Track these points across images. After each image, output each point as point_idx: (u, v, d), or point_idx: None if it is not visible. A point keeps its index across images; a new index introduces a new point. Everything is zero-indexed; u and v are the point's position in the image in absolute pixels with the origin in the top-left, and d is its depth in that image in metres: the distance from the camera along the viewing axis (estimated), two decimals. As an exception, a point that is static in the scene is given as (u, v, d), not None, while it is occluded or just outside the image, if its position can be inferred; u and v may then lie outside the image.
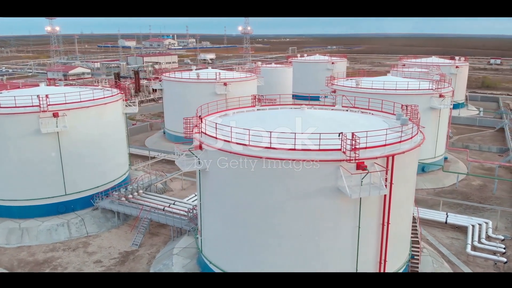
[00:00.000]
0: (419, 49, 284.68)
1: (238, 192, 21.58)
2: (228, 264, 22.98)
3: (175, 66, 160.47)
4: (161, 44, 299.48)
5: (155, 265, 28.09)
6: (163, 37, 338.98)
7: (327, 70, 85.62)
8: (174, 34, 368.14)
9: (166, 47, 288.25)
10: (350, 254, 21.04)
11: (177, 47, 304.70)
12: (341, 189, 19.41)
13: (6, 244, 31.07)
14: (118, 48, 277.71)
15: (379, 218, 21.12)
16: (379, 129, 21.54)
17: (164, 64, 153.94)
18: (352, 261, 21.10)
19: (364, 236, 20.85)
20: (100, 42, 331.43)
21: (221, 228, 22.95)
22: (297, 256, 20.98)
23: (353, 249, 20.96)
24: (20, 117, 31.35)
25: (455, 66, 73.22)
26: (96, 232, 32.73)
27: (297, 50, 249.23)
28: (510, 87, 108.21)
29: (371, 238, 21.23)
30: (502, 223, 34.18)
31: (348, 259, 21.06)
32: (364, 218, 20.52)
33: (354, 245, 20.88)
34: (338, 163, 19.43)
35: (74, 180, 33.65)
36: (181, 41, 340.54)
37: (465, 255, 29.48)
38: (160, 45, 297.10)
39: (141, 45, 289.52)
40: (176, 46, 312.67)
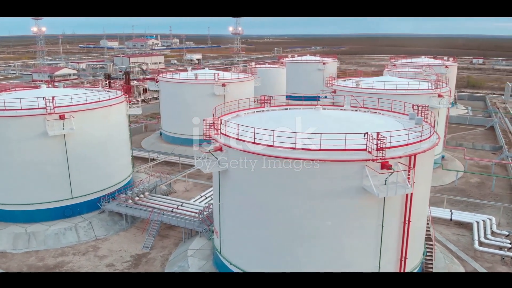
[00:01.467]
0: (402, 49, 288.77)
1: (262, 192, 21.66)
2: (250, 264, 23.04)
3: (161, 67, 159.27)
4: (145, 45, 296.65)
5: (170, 267, 27.94)
6: (147, 37, 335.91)
7: (318, 70, 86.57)
8: (158, 34, 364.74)
9: (149, 48, 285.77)
10: (373, 253, 21.35)
11: (160, 47, 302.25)
12: (367, 188, 19.69)
13: (13, 249, 30.43)
14: (102, 49, 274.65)
15: (401, 216, 21.50)
16: (397, 129, 21.96)
17: (151, 65, 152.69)
18: (375, 259, 21.41)
19: (387, 234, 21.20)
20: (81, 43, 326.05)
21: (243, 228, 22.99)
22: (321, 256, 21.18)
23: (376, 248, 21.28)
24: (26, 119, 30.78)
25: (445, 66, 74.67)
26: (105, 236, 32.35)
27: (283, 51, 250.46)
28: (495, 86, 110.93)
29: (393, 236, 21.60)
30: (504, 219, 35.10)
31: (371, 258, 21.36)
32: (387, 216, 20.87)
33: (377, 243, 21.20)
34: (363, 163, 19.71)
35: (81, 183, 33.19)
36: (164, 42, 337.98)
37: (473, 251, 30.18)
38: (143, 45, 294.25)
39: (124, 45, 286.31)
40: (159, 46, 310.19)
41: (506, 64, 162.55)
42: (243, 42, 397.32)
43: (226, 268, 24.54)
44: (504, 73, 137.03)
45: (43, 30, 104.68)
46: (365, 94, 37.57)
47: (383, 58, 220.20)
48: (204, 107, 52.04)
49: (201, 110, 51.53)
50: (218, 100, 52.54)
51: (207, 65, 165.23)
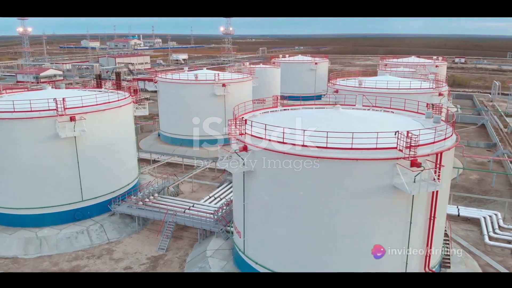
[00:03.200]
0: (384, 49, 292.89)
1: (292, 192, 21.77)
2: (277, 264, 23.11)
3: (147, 67, 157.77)
4: (127, 45, 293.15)
5: (189, 268, 27.81)
6: (129, 37, 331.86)
7: (310, 70, 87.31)
8: (140, 34, 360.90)
9: (132, 48, 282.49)
10: (401, 250, 21.70)
11: (143, 48, 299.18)
12: (398, 186, 20.02)
13: (25, 254, 29.77)
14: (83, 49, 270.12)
15: (427, 213, 21.95)
16: (418, 127, 22.40)
17: (137, 65, 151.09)
18: (403, 257, 21.78)
19: (414, 231, 21.60)
20: (61, 43, 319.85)
21: (271, 228, 23.05)
22: (351, 255, 21.42)
23: (403, 245, 21.65)
24: (36, 121, 30.17)
25: (435, 65, 76.23)
26: (117, 238, 31.95)
27: (267, 51, 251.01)
28: (480, 84, 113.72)
29: (419, 233, 22.03)
30: (508, 214, 36.09)
31: (399, 255, 21.70)
32: (415, 213, 21.27)
33: (405, 240, 21.58)
34: (394, 161, 20.04)
35: (91, 185, 32.71)
36: (147, 42, 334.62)
37: (482, 245, 30.97)
38: (125, 45, 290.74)
39: (106, 45, 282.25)
40: (142, 46, 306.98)
41: (487, 63, 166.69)
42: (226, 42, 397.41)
43: (250, 268, 24.58)
44: (486, 72, 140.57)
45: (29, 30, 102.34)
46: (368, 93, 38.12)
47: (367, 58, 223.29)
48: (204, 108, 52.18)
49: (201, 110, 51.64)
50: (218, 100, 52.64)
51: (193, 65, 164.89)
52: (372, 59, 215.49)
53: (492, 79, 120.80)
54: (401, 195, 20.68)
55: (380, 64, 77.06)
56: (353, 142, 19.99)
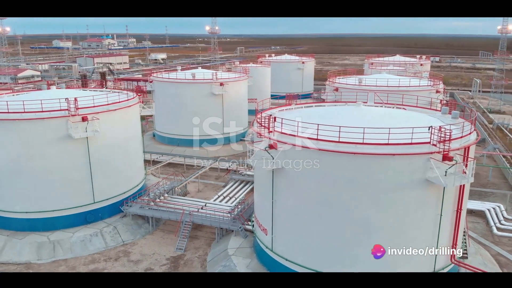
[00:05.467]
0: (359, 48, 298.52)
1: (326, 188, 22.01)
2: (309, 260, 23.31)
3: (126, 67, 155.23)
4: (101, 45, 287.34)
5: (212, 267, 27.68)
6: (102, 37, 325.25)
7: (298, 69, 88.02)
8: (114, 34, 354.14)
9: (106, 48, 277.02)
10: (431, 242, 22.32)
11: (117, 47, 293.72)
12: (432, 180, 20.58)
13: (38, 259, 28.89)
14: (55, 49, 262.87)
15: (454, 206, 22.67)
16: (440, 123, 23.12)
17: (116, 65, 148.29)
18: (433, 248, 22.38)
19: (444, 224, 22.28)
20: (32, 43, 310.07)
21: (303, 225, 23.18)
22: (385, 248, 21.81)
23: (434, 237, 22.29)
24: (47, 122, 29.34)
25: (420, 64, 78.27)
26: (132, 240, 31.45)
27: (245, 50, 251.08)
28: (457, 82, 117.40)
29: (448, 225, 22.71)
30: (509, 206, 37.55)
31: (430, 247, 22.29)
32: (445, 206, 21.95)
33: (436, 232, 22.22)
34: (428, 155, 20.60)
35: (103, 186, 32.07)
36: (121, 41, 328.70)
37: (491, 236, 32.14)
38: (99, 45, 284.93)
39: (78, 45, 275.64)
40: (116, 46, 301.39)
41: (461, 62, 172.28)
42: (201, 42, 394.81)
43: (279, 264, 24.72)
44: (462, 70, 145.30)
45: (8, 30, 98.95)
46: (369, 91, 38.87)
47: (344, 57, 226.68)
48: (202, 107, 51.95)
49: (199, 110, 51.43)
50: (216, 99, 52.46)
51: (173, 64, 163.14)
52: (349, 58, 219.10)
53: (468, 77, 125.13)
54: (433, 189, 21.31)
55: (368, 63, 78.33)
56: (389, 138, 20.44)
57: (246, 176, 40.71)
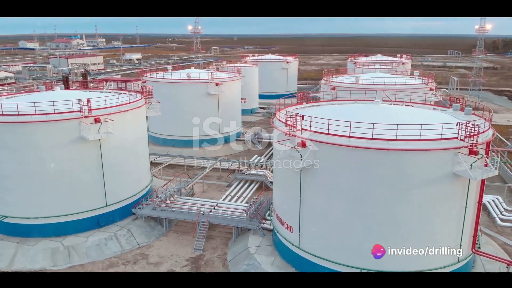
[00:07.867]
0: (331, 48, 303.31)
1: (355, 185, 22.50)
2: (338, 256, 23.75)
3: (101, 68, 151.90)
4: (69, 45, 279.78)
5: (234, 266, 27.73)
6: (71, 37, 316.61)
7: (282, 69, 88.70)
8: (83, 34, 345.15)
9: (75, 48, 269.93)
10: (456, 233, 23.26)
11: (87, 48, 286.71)
12: (460, 173, 21.45)
13: (53, 266, 28.10)
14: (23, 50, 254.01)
15: (476, 198, 23.68)
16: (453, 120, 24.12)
17: (90, 65, 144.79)
18: (458, 240, 23.34)
19: (467, 216, 23.25)
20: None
21: (333, 221, 23.61)
22: (411, 242, 22.45)
23: (458, 229, 23.22)
24: (59, 124, 28.58)
25: (402, 63, 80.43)
26: (147, 242, 31.07)
27: (219, 50, 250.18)
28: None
29: (470, 217, 23.70)
30: (506, 198, 39.36)
31: (455, 239, 23.25)
32: (469, 198, 22.93)
33: (460, 224, 23.15)
34: (456, 150, 21.46)
35: (115, 189, 31.52)
36: (90, 42, 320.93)
37: (495, 227, 33.64)
38: (68, 45, 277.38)
39: (46, 46, 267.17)
40: (85, 46, 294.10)
41: (432, 61, 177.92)
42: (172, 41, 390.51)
43: (306, 261, 25.06)
44: (434, 68, 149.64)
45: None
46: (367, 89, 39.86)
47: (318, 57, 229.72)
48: (198, 107, 51.68)
49: (195, 110, 51.18)
50: (212, 99, 52.32)
51: (148, 64, 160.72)
52: (323, 58, 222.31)
53: (440, 75, 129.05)
54: (459, 182, 22.23)
55: (352, 62, 79.76)
56: (421, 134, 21.16)
57: (250, 176, 40.93)
